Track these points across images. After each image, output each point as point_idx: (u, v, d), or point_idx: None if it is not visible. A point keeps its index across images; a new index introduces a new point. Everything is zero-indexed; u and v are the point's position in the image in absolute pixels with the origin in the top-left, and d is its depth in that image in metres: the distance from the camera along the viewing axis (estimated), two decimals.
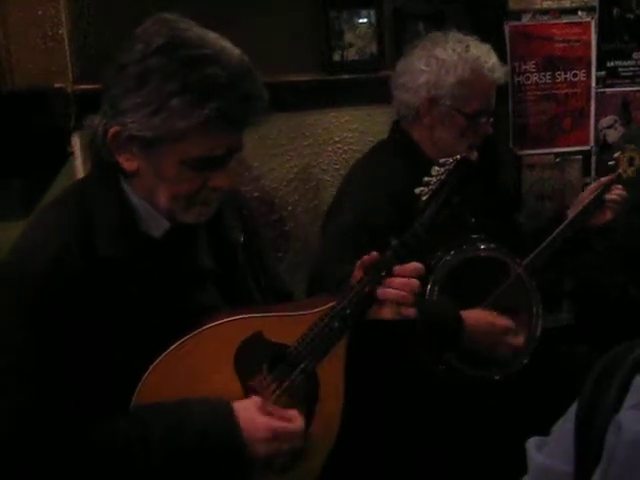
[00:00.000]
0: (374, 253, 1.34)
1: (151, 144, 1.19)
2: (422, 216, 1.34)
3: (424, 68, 1.85)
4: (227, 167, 1.25)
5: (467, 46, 1.85)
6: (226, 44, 1.21)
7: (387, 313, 1.34)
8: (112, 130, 1.19)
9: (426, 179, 1.36)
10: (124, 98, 1.17)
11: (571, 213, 1.99)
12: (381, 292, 1.32)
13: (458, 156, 1.38)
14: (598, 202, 1.96)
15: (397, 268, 1.32)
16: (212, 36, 1.21)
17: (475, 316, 1.72)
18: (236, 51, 1.21)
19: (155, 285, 1.26)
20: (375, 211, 1.75)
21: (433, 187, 1.34)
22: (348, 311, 1.32)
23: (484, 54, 1.85)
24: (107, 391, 1.20)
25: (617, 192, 1.96)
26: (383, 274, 1.32)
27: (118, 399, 1.21)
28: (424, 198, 1.34)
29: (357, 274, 1.35)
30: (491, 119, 1.90)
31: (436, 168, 1.36)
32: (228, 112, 1.16)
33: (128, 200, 1.27)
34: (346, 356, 1.35)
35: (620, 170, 1.97)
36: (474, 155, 1.88)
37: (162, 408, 1.22)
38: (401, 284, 1.31)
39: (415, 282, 1.32)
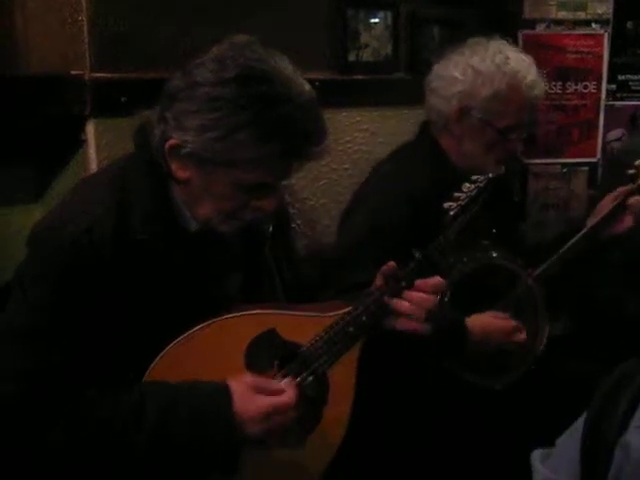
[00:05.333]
0: (391, 263, 1.35)
1: (208, 163, 1.21)
2: (448, 231, 1.35)
3: (459, 77, 1.81)
4: (275, 192, 1.28)
5: (507, 58, 1.79)
6: (297, 78, 1.22)
7: (400, 324, 1.36)
8: (171, 142, 1.22)
9: (456, 194, 1.36)
10: (190, 116, 1.19)
11: (589, 223, 1.93)
12: (396, 304, 1.34)
13: (490, 175, 1.37)
14: (617, 212, 1.91)
15: (419, 282, 1.34)
16: (285, 69, 1.22)
17: (480, 322, 1.71)
18: (306, 87, 1.23)
19: (180, 273, 1.29)
20: (392, 214, 1.73)
21: (462, 203, 1.35)
22: (364, 318, 1.34)
23: (524, 69, 1.79)
24: (115, 369, 1.23)
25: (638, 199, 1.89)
26: (403, 285, 1.34)
27: (125, 378, 1.24)
28: (452, 213, 1.35)
29: (378, 282, 1.37)
30: (523, 135, 1.86)
31: (467, 185, 1.36)
32: (290, 150, 1.20)
33: (170, 191, 1.30)
34: (359, 362, 1.36)
35: None
36: (502, 170, 1.83)
37: (161, 385, 1.24)
38: (419, 299, 1.34)
39: (433, 299, 1.35)
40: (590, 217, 1.96)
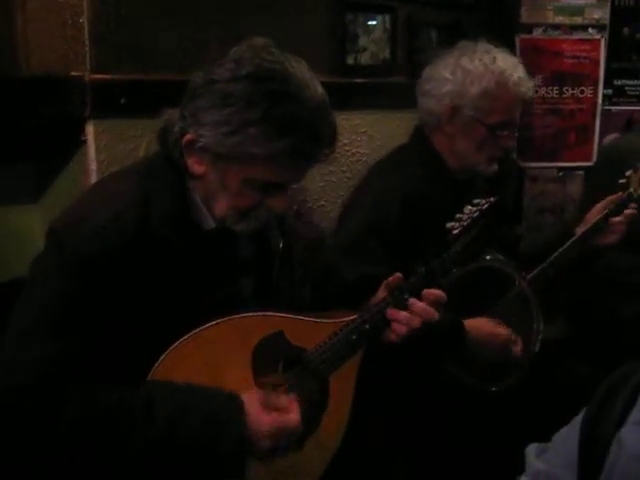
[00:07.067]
0: (398, 274, 1.39)
1: (221, 158, 1.24)
2: (451, 249, 1.40)
3: (449, 77, 1.86)
4: (286, 192, 1.30)
5: (494, 58, 1.84)
6: (311, 81, 1.25)
7: (390, 337, 1.39)
8: (188, 136, 1.25)
9: (458, 216, 1.40)
10: (206, 112, 1.22)
11: (579, 231, 1.95)
12: (390, 313, 1.37)
13: (492, 198, 1.42)
14: (604, 223, 1.92)
15: (425, 292, 1.37)
16: (299, 72, 1.25)
17: (478, 325, 1.73)
18: (319, 90, 1.25)
19: (194, 272, 1.30)
20: (387, 216, 1.76)
21: (465, 224, 1.39)
22: (367, 326, 1.37)
23: (510, 67, 1.85)
24: (125, 363, 1.23)
25: (629, 212, 1.92)
26: (406, 297, 1.37)
27: (134, 373, 1.24)
28: (455, 232, 1.39)
29: (381, 293, 1.40)
30: (515, 133, 1.90)
31: (469, 207, 1.41)
32: (299, 149, 1.22)
33: (188, 190, 1.32)
34: (359, 370, 1.39)
35: (631, 189, 1.93)
36: (494, 168, 1.89)
37: (172, 387, 1.24)
38: (419, 309, 1.36)
39: (433, 312, 1.37)
40: (579, 225, 1.97)
